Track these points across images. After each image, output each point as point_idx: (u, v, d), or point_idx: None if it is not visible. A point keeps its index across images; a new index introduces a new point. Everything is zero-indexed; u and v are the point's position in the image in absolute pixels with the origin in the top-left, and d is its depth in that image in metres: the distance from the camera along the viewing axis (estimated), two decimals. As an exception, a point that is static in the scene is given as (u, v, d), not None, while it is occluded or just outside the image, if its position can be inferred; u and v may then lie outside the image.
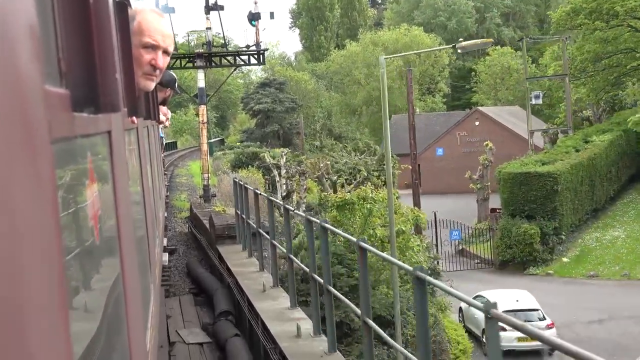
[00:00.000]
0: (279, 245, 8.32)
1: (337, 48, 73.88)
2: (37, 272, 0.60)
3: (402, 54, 43.73)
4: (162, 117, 4.50)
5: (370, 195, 16.95)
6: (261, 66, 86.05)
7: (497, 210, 30.20)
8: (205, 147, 21.93)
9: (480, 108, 51.95)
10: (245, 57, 21.35)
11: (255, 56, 21.17)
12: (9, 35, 0.56)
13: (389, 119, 76.29)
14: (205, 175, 20.88)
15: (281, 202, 8.55)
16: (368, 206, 16.44)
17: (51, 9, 0.82)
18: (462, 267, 28.24)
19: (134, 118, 1.94)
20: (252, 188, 10.03)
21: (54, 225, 0.69)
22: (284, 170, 28.59)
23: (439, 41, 67.01)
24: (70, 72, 0.89)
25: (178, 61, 20.68)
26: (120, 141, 1.39)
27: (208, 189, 20.48)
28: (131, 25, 2.11)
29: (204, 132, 22.11)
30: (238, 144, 56.72)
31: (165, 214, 15.74)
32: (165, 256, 8.59)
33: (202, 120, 21.72)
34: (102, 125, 1.10)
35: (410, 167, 31.60)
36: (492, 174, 32.71)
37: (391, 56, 36.41)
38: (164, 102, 4.10)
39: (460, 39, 21.45)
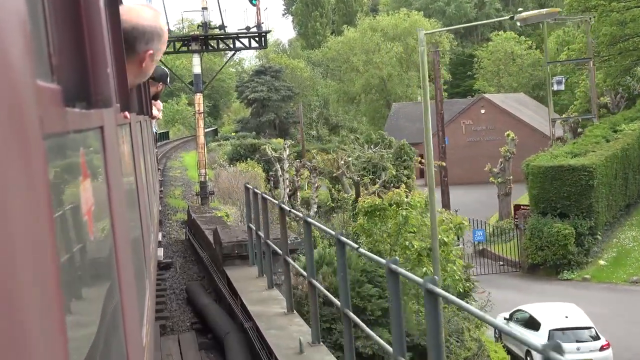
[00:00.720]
0: (297, 266, 6.98)
1: (333, 34, 73.52)
2: (30, 269, 0.61)
3: (444, 28, 43.62)
4: (155, 112, 4.57)
5: (405, 199, 14.78)
6: (255, 53, 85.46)
7: (523, 208, 27.94)
8: (202, 139, 20.37)
9: (486, 95, 51.37)
10: (245, 40, 19.80)
11: (257, 39, 19.69)
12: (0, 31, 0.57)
13: (389, 107, 75.15)
14: (203, 171, 19.66)
15: (302, 214, 6.65)
16: (404, 213, 14.31)
17: (41, 4, 0.84)
18: (486, 270, 26.36)
19: (127, 113, 1.96)
20: (274, 201, 8.03)
21: (48, 221, 0.70)
22: (287, 164, 26.98)
23: (439, 26, 66.79)
24: (62, 67, 0.91)
25: (171, 45, 19.01)
26: (113, 136, 1.41)
27: (206, 186, 19.40)
28: (155, 30, 2.17)
29: (201, 122, 20.51)
30: (233, 134, 55.48)
31: (160, 208, 15.31)
32: (160, 251, 8.45)
33: (199, 110, 20.24)
34: (95, 120, 1.12)
35: (441, 162, 28.68)
36: (514, 166, 30.91)
37: (432, 31, 34.93)
38: (156, 97, 4.17)
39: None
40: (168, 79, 3.89)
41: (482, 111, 48.00)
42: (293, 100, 60.56)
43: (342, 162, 25.40)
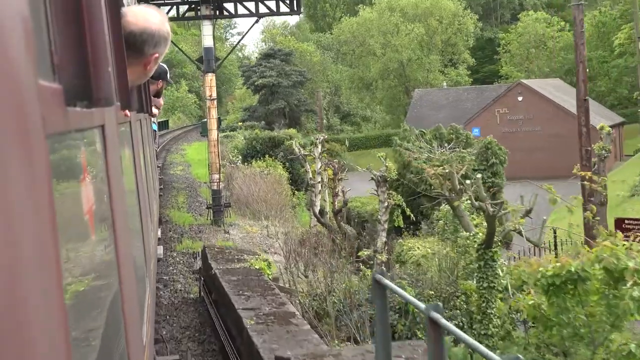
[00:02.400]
0: None
1: (344, 16, 72.48)
2: (32, 267, 0.65)
3: None
4: (154, 110, 4.76)
5: (633, 258, 8.25)
6: (260, 37, 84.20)
7: (630, 222, 19.66)
8: (214, 134, 16.90)
9: (523, 81, 49.05)
10: (272, 3, 16.66)
11: (287, 1, 16.61)
12: (1, 29, 0.61)
13: (408, 94, 73.60)
14: (215, 177, 16.52)
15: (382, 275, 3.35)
16: (635, 292, 7.95)
17: (43, 3, 0.90)
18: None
19: (127, 111, 2.07)
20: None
21: (50, 219, 0.76)
22: (319, 164, 22.69)
23: (463, 6, 65.74)
24: (63, 66, 0.98)
25: (173, 9, 16.29)
26: (114, 135, 1.49)
27: (219, 197, 16.31)
28: (163, 34, 2.31)
29: (213, 112, 16.91)
30: (239, 123, 54.08)
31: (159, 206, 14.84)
32: (160, 249, 8.35)
33: (210, 95, 16.56)
34: (96, 119, 1.20)
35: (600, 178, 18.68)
36: (608, 167, 26.38)
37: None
38: (156, 95, 4.33)
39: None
40: (168, 75, 4.05)
41: (520, 98, 45.65)
42: (304, 87, 59.50)
43: (453, 170, 15.10)
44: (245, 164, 27.47)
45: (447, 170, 15.18)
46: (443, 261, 14.71)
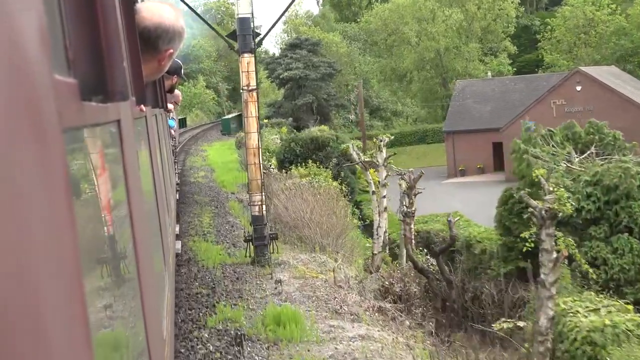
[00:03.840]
0: None
1: (374, 2, 71.68)
2: (51, 262, 0.67)
3: None
4: (170, 106, 4.94)
5: None
6: (283, 27, 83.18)
7: None
8: (255, 139, 12.24)
9: (582, 69, 47.04)
10: None
11: None
12: (17, 25, 0.63)
13: (446, 86, 72.14)
14: (257, 199, 12.31)
15: None
16: None
17: (57, -1, 0.96)
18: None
19: (143, 107, 2.16)
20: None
21: (68, 214, 0.80)
22: (384, 174, 19.65)
23: None
24: (78, 61, 1.04)
25: None
26: (130, 129, 1.56)
27: (263, 226, 12.21)
28: (177, 30, 2.42)
29: (252, 107, 12.13)
30: (265, 121, 53.92)
31: (177, 197, 12.41)
32: (179, 244, 8.21)
33: (248, 85, 12.00)
34: (112, 114, 1.26)
35: None
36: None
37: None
38: (171, 90, 4.50)
39: None
40: (182, 71, 4.19)
41: (578, 88, 43.67)
42: (334, 79, 58.24)
43: None
44: (283, 170, 23.93)
45: None
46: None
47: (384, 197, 19.22)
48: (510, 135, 41.28)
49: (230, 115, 61.36)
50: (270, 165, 24.65)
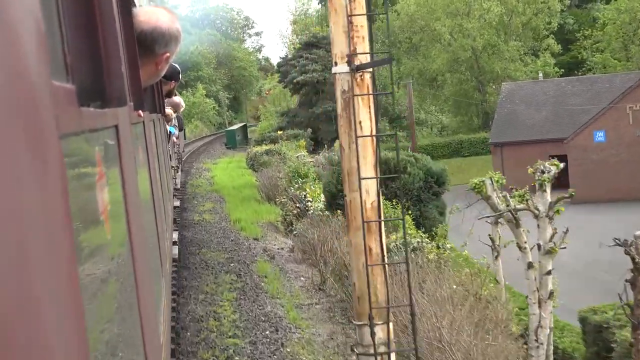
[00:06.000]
0: None
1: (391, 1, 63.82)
2: (48, 268, 0.66)
3: None
4: (168, 111, 4.94)
5: None
6: (292, 27, 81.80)
7: None
8: (369, 171, 5.95)
9: None
10: None
11: None
12: (15, 30, 0.63)
13: (482, 90, 58.09)
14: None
15: None
16: None
17: (56, 4, 0.95)
18: None
19: (140, 112, 2.17)
20: None
21: (65, 220, 0.80)
22: (549, 232, 11.78)
23: None
24: (76, 66, 1.04)
25: None
26: (128, 135, 1.56)
27: None
28: (173, 33, 2.44)
29: (365, 108, 6.04)
30: (279, 132, 42.85)
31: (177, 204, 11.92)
32: (175, 249, 8.41)
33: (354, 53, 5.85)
34: (109, 119, 1.26)
35: None
36: None
37: None
38: (169, 95, 4.49)
39: None
40: (180, 75, 4.20)
41: None
42: None
43: None
44: (331, 211, 15.65)
45: None
46: None
47: (550, 272, 11.56)
48: (578, 147, 36.70)
49: (234, 127, 56.15)
50: (320, 205, 16.61)
